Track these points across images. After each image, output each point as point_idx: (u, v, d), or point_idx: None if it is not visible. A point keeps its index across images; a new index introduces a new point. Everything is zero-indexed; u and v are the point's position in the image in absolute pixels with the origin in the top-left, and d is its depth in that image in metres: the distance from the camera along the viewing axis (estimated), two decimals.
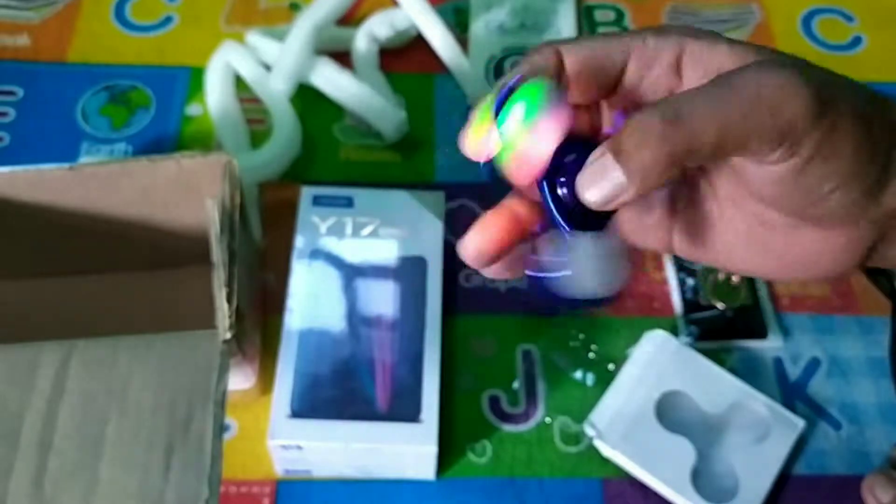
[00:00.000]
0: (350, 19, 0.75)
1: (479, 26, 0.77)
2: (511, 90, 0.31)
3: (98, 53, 0.74)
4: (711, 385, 0.56)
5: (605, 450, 0.54)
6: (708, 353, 0.58)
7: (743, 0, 0.80)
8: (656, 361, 0.57)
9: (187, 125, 0.70)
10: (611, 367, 0.59)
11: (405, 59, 0.74)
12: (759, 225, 0.35)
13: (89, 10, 0.77)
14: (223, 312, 0.47)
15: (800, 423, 0.56)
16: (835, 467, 0.56)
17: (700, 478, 0.53)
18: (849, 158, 0.30)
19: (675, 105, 0.30)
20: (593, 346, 0.60)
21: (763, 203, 0.33)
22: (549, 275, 0.34)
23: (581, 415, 0.57)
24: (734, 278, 0.60)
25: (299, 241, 0.58)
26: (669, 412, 0.55)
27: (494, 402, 0.58)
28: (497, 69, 0.74)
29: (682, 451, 0.53)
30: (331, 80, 0.69)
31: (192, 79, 0.72)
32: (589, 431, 0.54)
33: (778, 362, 0.60)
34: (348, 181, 0.64)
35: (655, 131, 0.29)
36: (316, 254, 0.57)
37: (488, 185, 0.33)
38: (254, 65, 0.70)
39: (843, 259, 0.34)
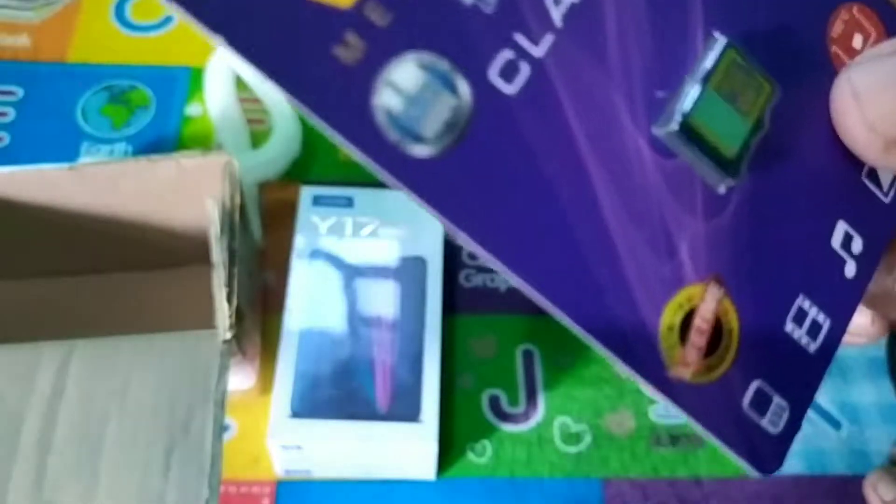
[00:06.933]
0: None
1: None
2: None
3: (98, 53, 0.74)
4: None
5: None
6: None
7: None
8: None
9: (187, 125, 0.70)
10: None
11: None
12: None
13: (89, 10, 0.77)
14: (223, 312, 0.47)
15: None
16: (835, 467, 0.56)
17: None
18: None
19: None
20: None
21: None
22: None
23: (581, 415, 0.57)
24: None
25: (299, 241, 0.58)
26: None
27: (494, 402, 0.58)
28: None
29: None
30: None
31: (192, 79, 0.72)
32: None
33: None
34: (348, 181, 0.63)
35: None
36: (316, 254, 0.57)
37: None
38: None
39: None
